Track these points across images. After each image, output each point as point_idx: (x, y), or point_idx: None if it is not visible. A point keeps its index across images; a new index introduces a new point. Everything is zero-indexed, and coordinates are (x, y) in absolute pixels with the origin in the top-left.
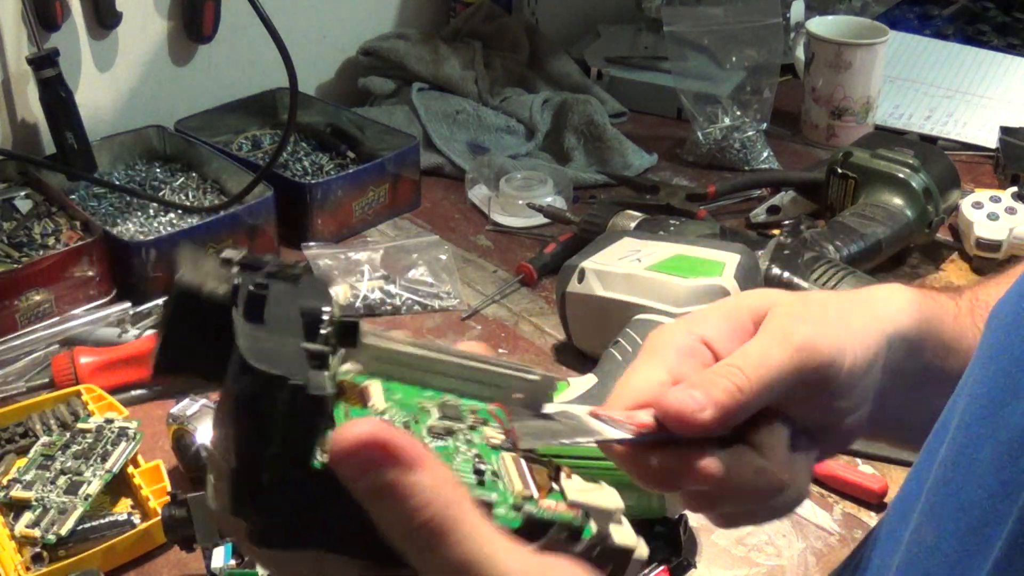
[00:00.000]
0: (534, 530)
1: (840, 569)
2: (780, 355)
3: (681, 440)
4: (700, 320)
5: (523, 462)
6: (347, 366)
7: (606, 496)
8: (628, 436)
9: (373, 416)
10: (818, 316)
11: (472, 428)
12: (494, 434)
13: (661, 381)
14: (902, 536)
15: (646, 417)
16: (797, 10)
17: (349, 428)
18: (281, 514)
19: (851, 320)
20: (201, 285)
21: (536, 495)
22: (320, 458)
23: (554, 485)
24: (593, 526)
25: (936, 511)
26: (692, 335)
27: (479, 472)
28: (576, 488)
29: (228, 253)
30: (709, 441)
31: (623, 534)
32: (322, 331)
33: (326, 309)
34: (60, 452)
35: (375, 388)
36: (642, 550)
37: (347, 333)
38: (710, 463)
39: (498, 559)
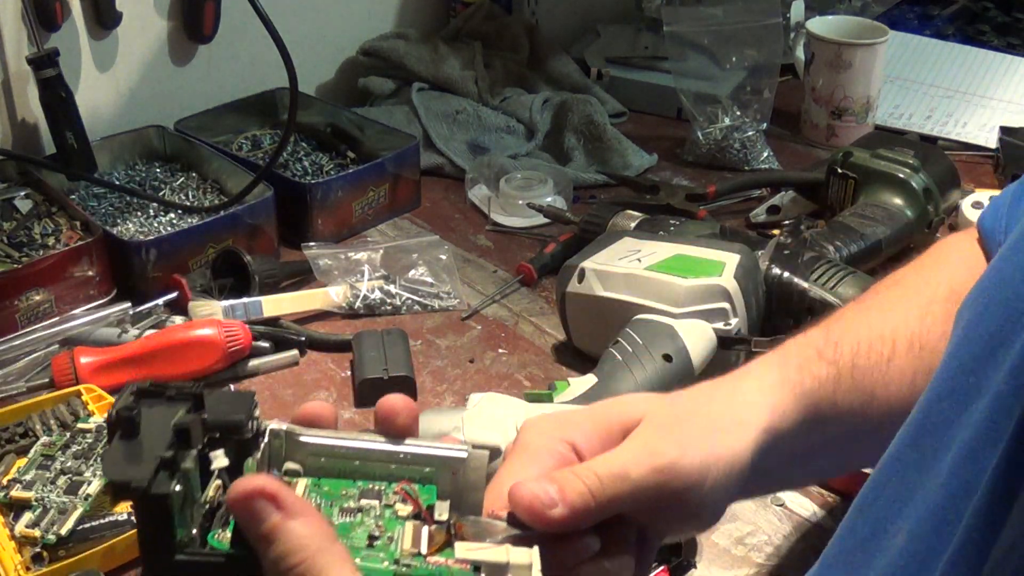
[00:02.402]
0: None
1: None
2: (640, 472)
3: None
4: (571, 424)
5: (424, 528)
6: (288, 465)
7: (496, 553)
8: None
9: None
10: (685, 435)
11: (387, 506)
12: (403, 508)
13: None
14: (862, 532)
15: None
16: (797, 10)
17: (244, 481)
18: None
19: (717, 437)
20: (130, 480)
21: (424, 552)
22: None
23: (450, 544)
24: None
25: (908, 513)
26: (561, 439)
27: (373, 538)
28: (468, 547)
29: (131, 385)
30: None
31: None
32: (194, 436)
33: (192, 418)
34: (60, 452)
35: (300, 485)
36: None
37: (220, 431)
38: (564, 558)
39: None
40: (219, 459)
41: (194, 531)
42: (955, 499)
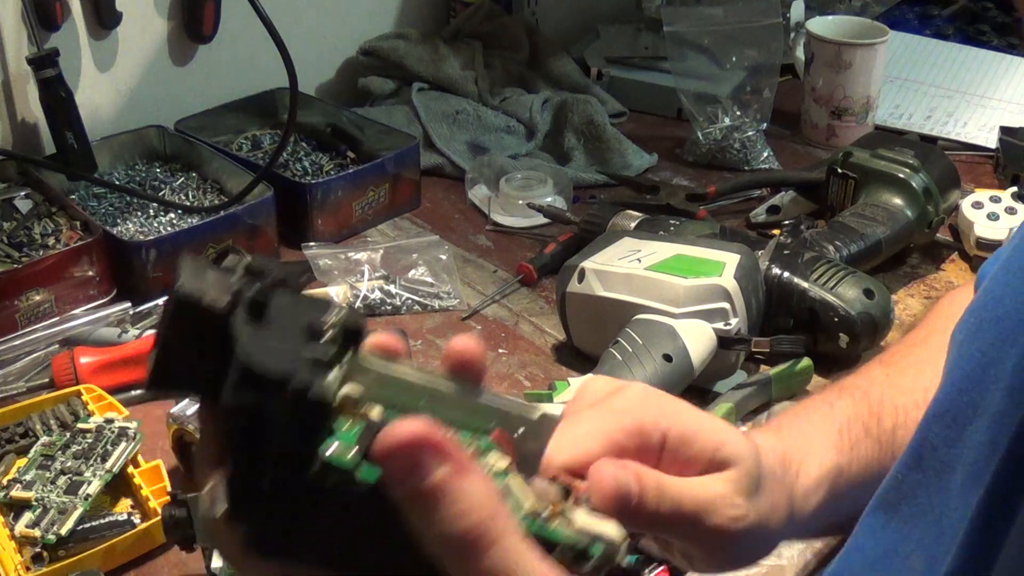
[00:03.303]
0: (541, 546)
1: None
2: (715, 522)
3: None
4: (660, 413)
5: (529, 486)
6: (349, 387)
7: (611, 526)
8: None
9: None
10: (764, 501)
11: (476, 455)
12: (499, 459)
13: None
14: (871, 548)
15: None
16: (797, 10)
17: (400, 425)
18: (279, 521)
19: (781, 510)
20: (201, 295)
21: (544, 514)
22: (322, 463)
23: (562, 508)
24: (599, 549)
25: (922, 535)
26: (647, 424)
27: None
28: (583, 514)
29: (230, 261)
30: None
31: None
32: (325, 339)
33: (330, 318)
34: (60, 452)
35: (377, 411)
36: None
37: (351, 337)
38: None
39: (532, 567)
40: (334, 370)
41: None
42: (963, 521)
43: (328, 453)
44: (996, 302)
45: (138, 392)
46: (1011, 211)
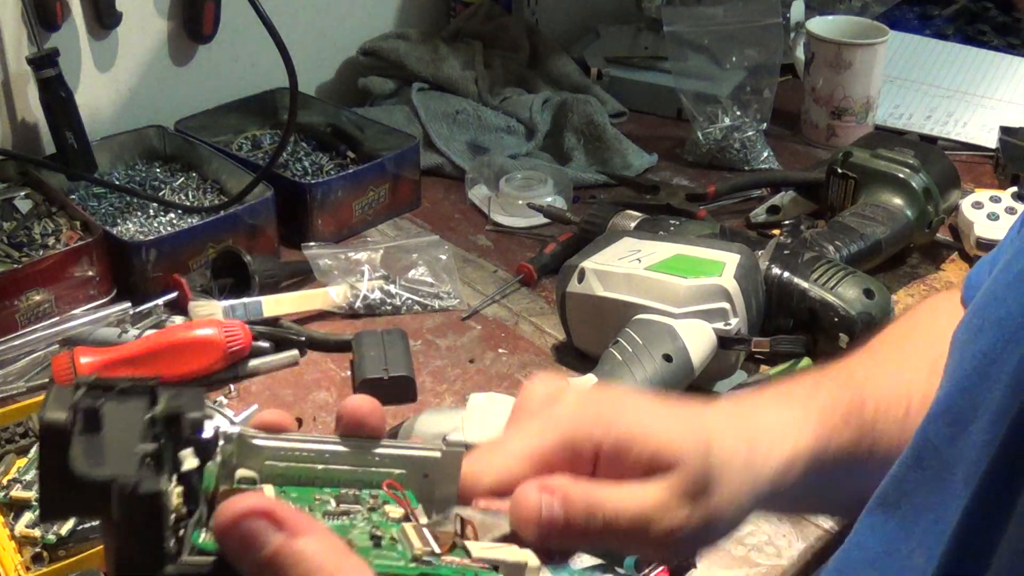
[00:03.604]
0: None
1: None
2: (660, 530)
3: None
4: (593, 417)
5: (425, 530)
6: (241, 472)
7: (514, 552)
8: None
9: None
10: (715, 502)
11: (372, 509)
12: (394, 510)
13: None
14: (872, 547)
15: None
16: (797, 10)
17: (231, 503)
18: None
19: (743, 498)
20: (59, 418)
21: (438, 551)
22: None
23: (459, 543)
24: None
25: (923, 533)
26: (578, 429)
27: (376, 538)
28: (482, 546)
29: (80, 379)
30: None
31: None
32: (157, 432)
33: (149, 412)
34: None
35: (267, 489)
36: None
37: (172, 424)
38: None
39: None
40: (188, 460)
41: (172, 541)
42: (972, 519)
43: (199, 540)
44: (998, 303)
45: None
46: (1011, 211)
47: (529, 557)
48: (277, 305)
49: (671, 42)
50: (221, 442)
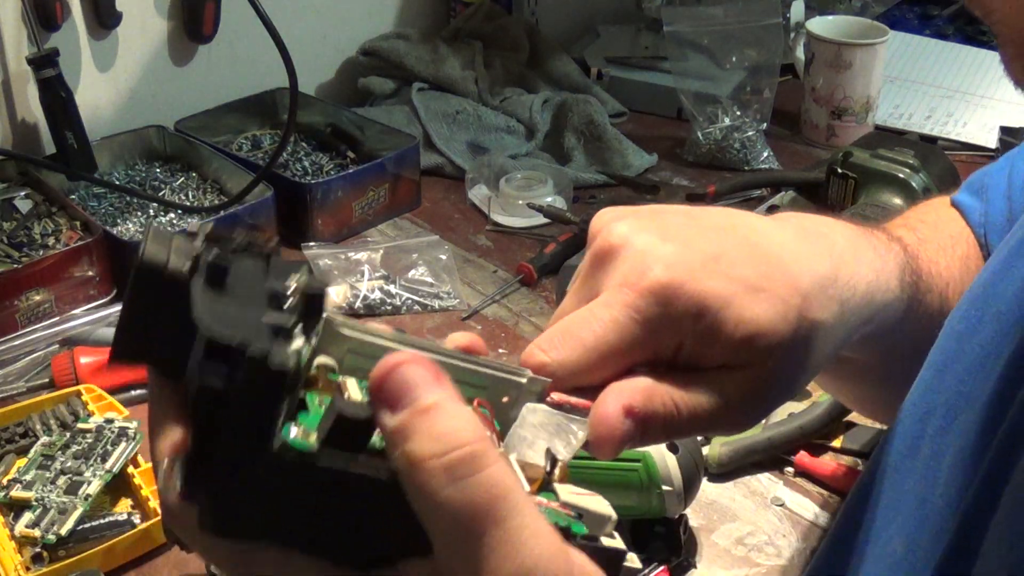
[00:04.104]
0: None
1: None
2: (725, 425)
3: None
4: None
5: (513, 459)
6: (322, 359)
7: (599, 503)
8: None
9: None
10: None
11: None
12: None
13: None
14: (852, 540)
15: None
16: (797, 10)
17: (396, 354)
18: (235, 499)
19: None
20: (165, 262)
21: (527, 488)
22: (282, 443)
23: (546, 481)
24: (584, 527)
25: (906, 523)
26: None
27: None
28: (569, 491)
29: (193, 226)
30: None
31: (615, 540)
32: (288, 305)
33: (291, 283)
34: (60, 452)
35: (351, 383)
36: (633, 558)
37: (314, 303)
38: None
39: (524, 494)
40: (297, 339)
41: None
42: (952, 507)
43: (291, 437)
44: (997, 298)
45: (138, 392)
46: None
47: (611, 511)
48: None
49: (671, 42)
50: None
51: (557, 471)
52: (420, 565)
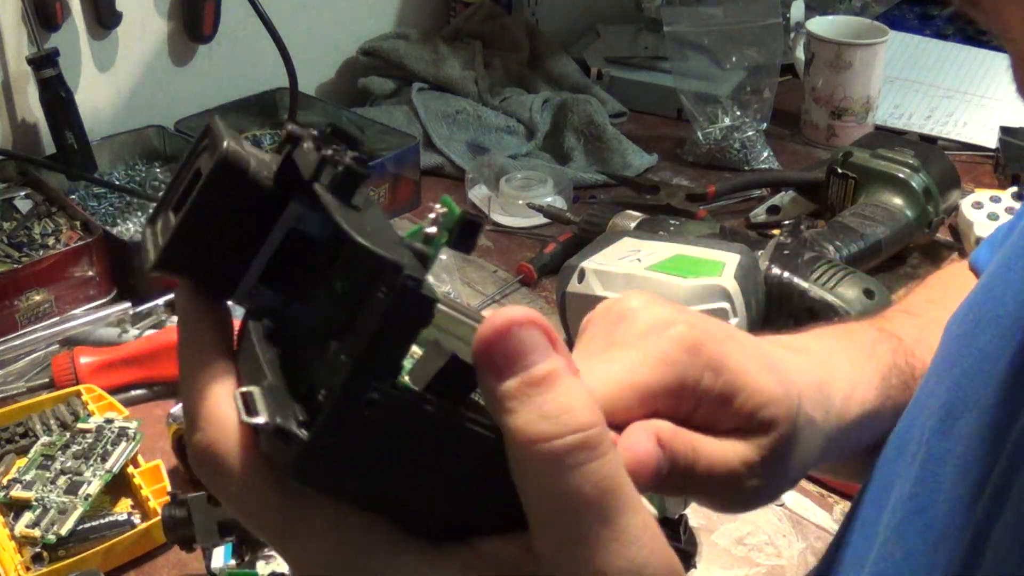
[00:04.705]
0: None
1: None
2: (737, 487)
3: None
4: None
5: None
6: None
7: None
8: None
9: None
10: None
11: None
12: None
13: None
14: (860, 546)
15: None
16: (797, 10)
17: (506, 310)
18: (334, 440)
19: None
20: (249, 163)
21: None
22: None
23: None
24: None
25: (903, 528)
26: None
27: None
28: None
29: (293, 128)
30: None
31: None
32: (433, 237)
33: (434, 217)
34: (60, 452)
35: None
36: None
37: (468, 233)
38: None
39: (634, 489)
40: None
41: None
42: (952, 514)
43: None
44: (996, 301)
45: (138, 392)
46: (1011, 211)
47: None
48: None
49: (671, 42)
50: None
51: None
52: (506, 544)
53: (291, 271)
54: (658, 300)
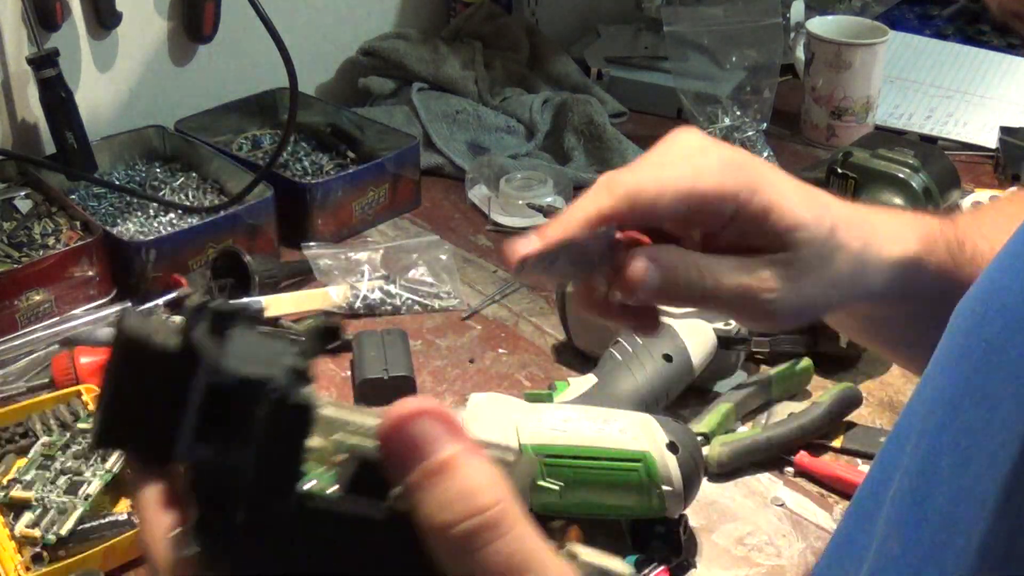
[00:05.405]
0: None
1: None
2: (755, 303)
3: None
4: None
5: None
6: (314, 440)
7: (618, 564)
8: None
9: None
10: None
11: None
12: None
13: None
14: (861, 541)
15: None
16: (797, 10)
17: (408, 400)
18: (256, 554)
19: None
20: (150, 334)
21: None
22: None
23: (563, 545)
24: None
25: (902, 521)
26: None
27: None
28: (585, 551)
29: (189, 304)
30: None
31: None
32: (300, 347)
33: (297, 330)
34: (60, 452)
35: (342, 458)
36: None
37: (327, 338)
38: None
39: (548, 558)
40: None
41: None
42: (954, 504)
43: (308, 487)
44: (1004, 291)
45: None
46: None
47: (630, 569)
48: (277, 305)
49: (671, 42)
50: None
51: (571, 535)
52: None
53: (222, 420)
54: (710, 137)
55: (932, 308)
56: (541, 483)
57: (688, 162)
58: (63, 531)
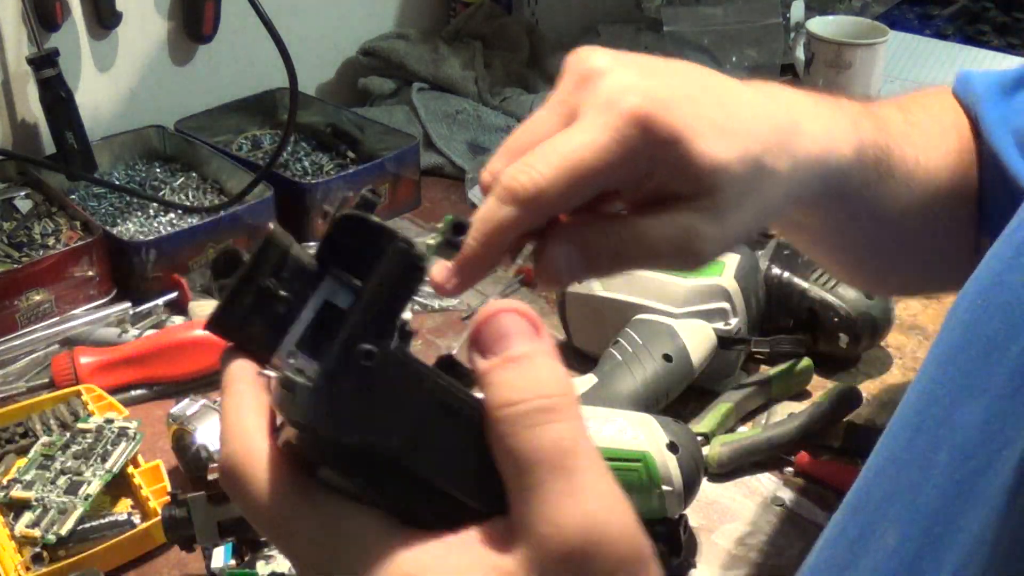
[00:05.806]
0: None
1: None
2: (686, 253)
3: None
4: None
5: None
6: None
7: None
8: None
9: None
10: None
11: None
12: None
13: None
14: (852, 533)
15: None
16: (797, 10)
17: (495, 301)
18: (339, 386)
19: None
20: (291, 245)
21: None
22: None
23: None
24: None
25: (898, 514)
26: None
27: None
28: None
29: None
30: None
31: None
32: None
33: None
34: (60, 452)
35: None
36: None
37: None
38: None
39: (594, 453)
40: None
41: None
42: (948, 499)
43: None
44: (1006, 288)
45: (138, 392)
46: None
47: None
48: None
49: (671, 42)
50: None
51: None
52: (493, 524)
53: (321, 341)
54: (622, 60)
55: (855, 216)
56: None
57: (596, 129)
58: (63, 531)
